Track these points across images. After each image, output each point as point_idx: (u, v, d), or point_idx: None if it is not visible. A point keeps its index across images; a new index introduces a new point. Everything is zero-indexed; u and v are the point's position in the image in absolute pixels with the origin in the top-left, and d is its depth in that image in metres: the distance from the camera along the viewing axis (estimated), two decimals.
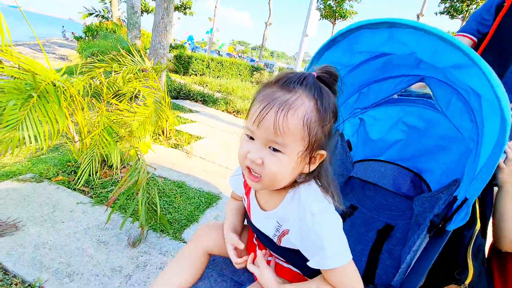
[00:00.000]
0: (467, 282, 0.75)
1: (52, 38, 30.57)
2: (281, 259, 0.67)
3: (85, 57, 5.68)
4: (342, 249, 0.55)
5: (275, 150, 0.51)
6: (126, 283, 1.35)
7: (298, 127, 0.49)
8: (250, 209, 0.68)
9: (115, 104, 2.59)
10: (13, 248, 1.42)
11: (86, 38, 9.44)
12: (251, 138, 0.55)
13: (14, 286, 1.22)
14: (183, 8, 22.13)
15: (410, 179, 1.13)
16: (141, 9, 17.41)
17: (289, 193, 0.59)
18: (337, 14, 21.05)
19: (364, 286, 0.65)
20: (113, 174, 2.37)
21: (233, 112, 5.80)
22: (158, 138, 3.41)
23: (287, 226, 0.60)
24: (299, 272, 0.68)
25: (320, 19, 22.42)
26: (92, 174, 2.11)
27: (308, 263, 0.56)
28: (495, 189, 0.86)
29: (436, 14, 18.65)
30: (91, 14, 11.55)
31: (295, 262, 0.64)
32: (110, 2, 11.00)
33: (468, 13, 17.28)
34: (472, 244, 0.75)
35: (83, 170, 1.99)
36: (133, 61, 2.87)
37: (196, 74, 10.79)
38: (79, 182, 1.95)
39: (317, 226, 0.54)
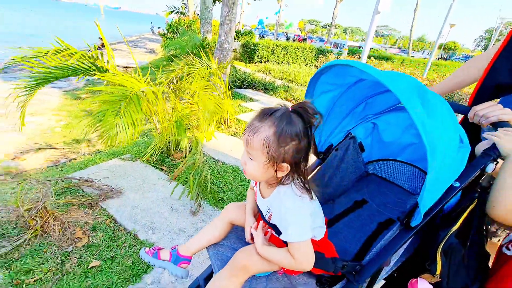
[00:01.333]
0: (437, 273, 0.88)
1: (144, 34, 35.43)
2: (273, 231, 0.94)
3: (166, 53, 6.62)
4: (301, 232, 0.78)
5: (250, 158, 0.77)
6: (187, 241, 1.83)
7: (260, 145, 0.73)
8: (256, 195, 0.96)
9: (187, 99, 3.14)
10: (119, 206, 2.06)
11: (168, 34, 10.82)
12: None
13: (120, 232, 1.83)
14: None
15: (423, 179, 1.19)
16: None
17: (276, 189, 0.84)
18: None
19: (348, 263, 0.87)
20: (183, 156, 2.95)
21: (292, 99, 5.96)
22: (221, 126, 3.92)
23: (272, 210, 0.86)
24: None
25: None
26: (168, 156, 2.71)
27: (280, 236, 0.82)
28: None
29: None
30: (172, 11, 13.11)
31: (278, 234, 0.89)
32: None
33: None
34: (443, 242, 0.87)
35: (160, 152, 2.59)
36: (201, 63, 3.36)
37: (261, 61, 11.16)
38: (156, 161, 2.56)
39: (286, 215, 0.80)
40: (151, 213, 2.04)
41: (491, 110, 0.93)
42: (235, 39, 18.48)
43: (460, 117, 1.11)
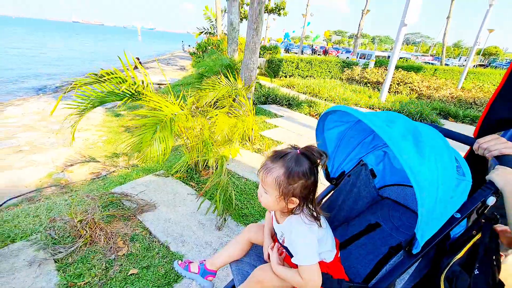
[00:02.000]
0: None
1: (175, 51, 37.88)
2: (286, 253, 1.06)
3: (196, 71, 7.06)
4: (308, 257, 0.89)
5: (265, 192, 0.91)
6: (213, 254, 1.99)
7: (272, 183, 0.87)
8: (272, 220, 1.10)
9: (215, 118, 3.38)
10: (153, 219, 2.29)
11: (198, 53, 11.52)
12: None
13: (154, 243, 2.04)
14: (277, 9, 23.12)
15: None
16: (240, 16, 19.36)
17: (288, 217, 0.97)
18: None
19: (354, 285, 0.97)
20: (210, 173, 3.16)
21: (316, 115, 6.03)
22: (245, 143, 4.11)
23: (285, 235, 0.99)
24: None
25: None
26: (197, 172, 2.93)
27: (291, 259, 0.95)
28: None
29: None
30: (201, 32, 13.98)
31: (291, 255, 1.01)
32: (216, 20, 12.99)
33: None
34: (446, 269, 0.93)
35: (189, 168, 2.82)
36: (228, 84, 3.62)
37: (286, 76, 11.38)
38: (186, 178, 2.78)
39: (296, 241, 0.92)
40: (181, 226, 2.24)
41: (494, 144, 0.99)
42: (260, 55, 19.04)
43: (468, 147, 1.16)
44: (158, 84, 12.74)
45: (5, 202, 3.47)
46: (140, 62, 17.16)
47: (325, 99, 7.70)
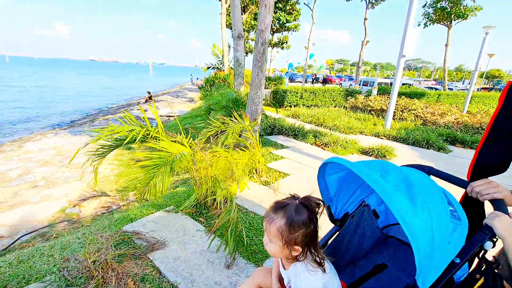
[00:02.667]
0: None
1: (184, 84, 39.64)
2: None
3: (204, 106, 7.36)
4: None
5: (270, 241, 0.98)
6: None
7: (275, 232, 0.94)
8: (279, 265, 1.15)
9: (223, 154, 3.50)
10: (163, 258, 2.32)
11: (206, 87, 12.08)
12: None
13: (164, 283, 2.05)
14: (280, 44, 24.40)
15: None
16: (246, 50, 20.37)
17: (293, 264, 1.02)
18: (453, 15, 18.08)
19: None
20: (220, 208, 3.21)
21: (321, 145, 6.11)
22: (253, 176, 4.18)
23: (291, 282, 1.03)
24: None
25: (430, 24, 19.78)
26: (206, 208, 2.98)
27: None
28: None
29: None
30: (209, 67, 14.81)
31: None
32: (222, 56, 13.82)
33: None
34: None
35: (198, 204, 2.88)
36: (234, 122, 3.79)
37: (291, 106, 11.70)
38: (195, 213, 2.83)
39: (301, 287, 0.97)
40: (190, 265, 2.25)
41: (485, 188, 1.04)
42: (266, 86, 19.77)
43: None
44: (167, 116, 13.23)
45: (18, 239, 3.56)
46: (150, 96, 18.01)
47: (330, 128, 7.84)
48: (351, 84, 28.51)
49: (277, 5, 21.25)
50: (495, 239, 0.95)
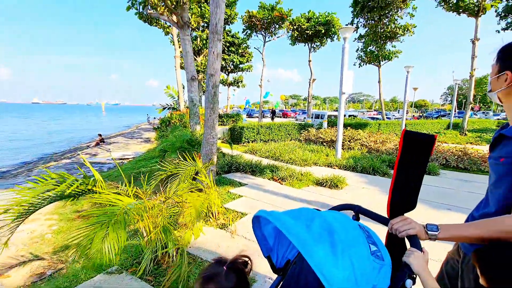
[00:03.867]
0: None
1: (141, 124, 38.33)
2: None
3: (158, 149, 7.11)
4: None
5: None
6: None
7: None
8: None
9: (174, 200, 3.32)
10: None
11: (162, 127, 11.82)
12: None
13: None
14: (236, 83, 25.64)
15: None
16: (203, 89, 20.82)
17: None
18: (380, 57, 21.22)
19: None
20: (172, 261, 2.95)
21: (278, 179, 6.22)
22: (209, 220, 4.00)
23: None
24: None
25: (363, 64, 22.80)
26: (155, 263, 2.71)
27: None
28: None
29: (499, 32, 17.03)
30: (164, 108, 14.71)
31: None
32: (178, 97, 13.93)
33: None
34: None
35: (146, 261, 2.61)
36: (187, 164, 3.70)
37: (248, 141, 11.94)
38: (142, 272, 2.55)
39: None
40: None
41: (401, 225, 1.14)
42: (224, 122, 20.15)
43: None
44: (121, 159, 12.40)
45: None
46: (102, 139, 16.89)
47: (287, 162, 8.09)
48: (305, 117, 30.60)
49: (230, 49, 22.74)
50: (414, 276, 1.01)
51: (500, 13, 16.14)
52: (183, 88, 14.38)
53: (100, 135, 17.28)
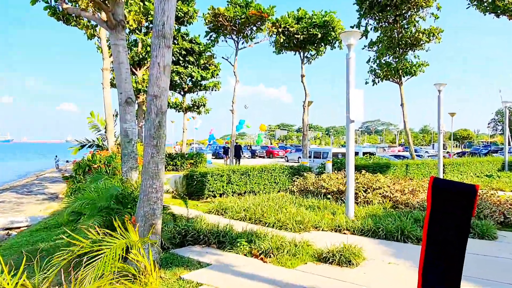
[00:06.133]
0: None
1: (45, 171, 36.95)
2: None
3: (69, 211, 6.80)
4: None
5: None
6: None
7: None
8: None
9: None
10: None
11: (77, 176, 11.42)
12: None
13: None
14: (195, 107, 26.05)
15: None
16: (144, 117, 20.88)
17: None
18: (401, 71, 22.83)
19: None
20: None
21: (260, 254, 6.04)
22: None
23: None
24: None
25: (378, 81, 24.33)
26: None
27: None
28: None
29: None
30: (83, 146, 14.34)
31: None
32: (106, 129, 13.73)
33: None
34: None
35: None
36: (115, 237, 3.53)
37: (214, 196, 11.77)
38: None
39: None
40: None
41: None
42: (176, 167, 19.93)
43: None
44: (6, 229, 11.60)
45: None
46: None
47: (273, 226, 7.96)
48: (299, 157, 31.16)
49: (187, 59, 23.55)
50: None
51: None
52: (114, 116, 14.28)
53: None
